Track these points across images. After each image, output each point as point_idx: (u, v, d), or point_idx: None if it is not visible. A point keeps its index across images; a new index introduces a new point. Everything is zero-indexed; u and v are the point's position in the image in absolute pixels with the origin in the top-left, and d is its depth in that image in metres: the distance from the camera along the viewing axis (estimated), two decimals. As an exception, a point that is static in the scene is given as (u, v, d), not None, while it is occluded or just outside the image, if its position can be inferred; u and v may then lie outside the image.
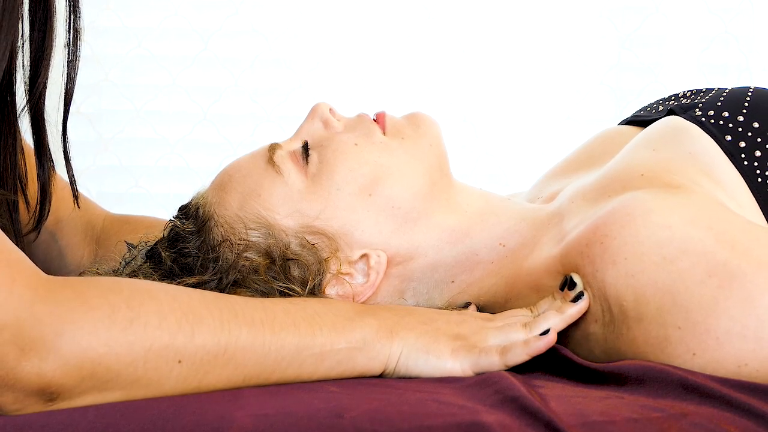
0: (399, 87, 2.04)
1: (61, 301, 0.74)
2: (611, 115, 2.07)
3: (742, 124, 1.02)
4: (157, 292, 0.80)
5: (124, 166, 2.02)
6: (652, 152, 1.02)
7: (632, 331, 0.89)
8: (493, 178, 2.06)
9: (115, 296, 0.77)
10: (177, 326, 0.78)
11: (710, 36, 2.06)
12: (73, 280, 0.78)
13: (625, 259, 0.89)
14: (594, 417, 0.75)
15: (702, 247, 0.87)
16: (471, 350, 0.89)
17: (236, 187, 1.02)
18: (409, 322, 0.91)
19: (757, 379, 0.83)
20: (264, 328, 0.82)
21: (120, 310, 0.76)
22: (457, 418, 0.73)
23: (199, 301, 0.81)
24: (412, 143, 1.04)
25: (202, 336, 0.79)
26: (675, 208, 0.91)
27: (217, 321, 0.80)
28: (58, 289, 0.75)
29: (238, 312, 0.82)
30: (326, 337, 0.86)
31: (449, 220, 1.03)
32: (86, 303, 0.75)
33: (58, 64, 1.06)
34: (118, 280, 0.82)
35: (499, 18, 2.05)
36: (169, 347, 0.77)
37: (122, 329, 0.76)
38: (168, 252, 1.01)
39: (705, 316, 0.85)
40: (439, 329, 0.91)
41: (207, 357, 0.79)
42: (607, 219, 0.92)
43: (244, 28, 2.02)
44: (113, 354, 0.75)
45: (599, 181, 1.02)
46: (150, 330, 0.76)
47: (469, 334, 0.91)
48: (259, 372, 0.82)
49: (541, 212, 1.05)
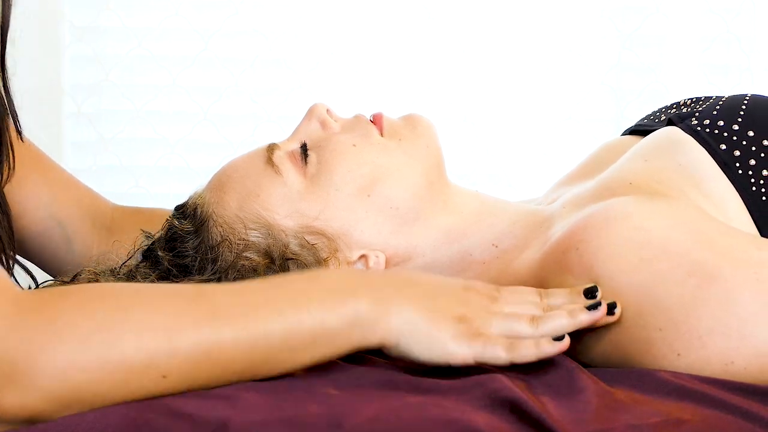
0: (399, 87, 2.04)
1: (34, 328, 0.73)
2: (611, 115, 2.07)
3: (737, 133, 1.02)
4: (137, 307, 0.77)
5: (124, 166, 2.01)
6: (644, 162, 1.02)
7: (613, 334, 0.89)
8: (493, 178, 2.06)
9: (90, 317, 0.75)
10: (156, 344, 0.75)
11: (711, 36, 2.06)
12: (46, 297, 0.76)
13: (603, 262, 0.89)
14: (594, 423, 0.75)
15: (681, 248, 0.87)
16: (474, 338, 0.83)
17: (235, 187, 1.02)
18: (408, 295, 0.84)
19: (745, 378, 0.83)
20: (247, 321, 0.79)
21: (95, 333, 0.74)
22: (459, 425, 0.73)
23: (181, 309, 0.78)
24: (410, 144, 1.04)
25: (184, 348, 0.76)
26: (654, 211, 0.91)
27: (197, 327, 0.77)
28: (31, 314, 0.74)
29: (218, 310, 0.79)
30: (315, 318, 0.80)
31: (446, 221, 1.04)
32: (60, 329, 0.73)
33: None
34: (98, 291, 0.79)
35: (499, 18, 2.05)
36: (151, 366, 0.75)
37: (98, 355, 0.74)
38: (165, 252, 1.01)
39: (686, 316, 0.85)
40: (441, 309, 0.84)
41: (191, 366, 0.77)
42: (585, 223, 0.92)
43: (245, 28, 2.01)
44: (93, 380, 0.74)
45: (591, 188, 1.03)
46: (129, 352, 0.74)
47: (472, 316, 0.85)
48: (249, 366, 0.80)
49: (536, 215, 1.05)
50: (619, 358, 0.89)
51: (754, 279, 0.85)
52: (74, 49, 1.97)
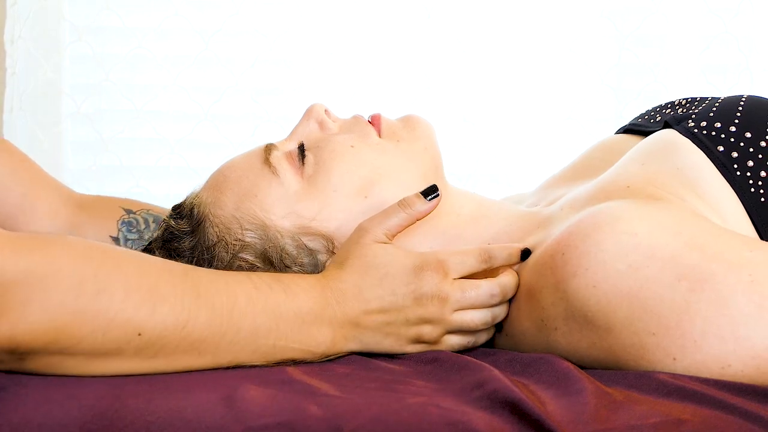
0: (399, 87, 2.04)
1: (31, 268, 0.76)
2: (611, 115, 2.07)
3: (734, 134, 1.01)
4: (127, 265, 0.82)
5: (124, 166, 2.01)
6: (640, 166, 1.02)
7: (605, 340, 0.88)
8: (493, 178, 2.06)
9: (86, 265, 0.79)
10: (140, 302, 0.81)
11: (710, 36, 2.06)
12: (44, 241, 0.79)
13: (586, 269, 0.88)
14: (593, 424, 0.75)
15: (670, 252, 0.87)
16: (429, 347, 0.96)
17: (232, 187, 1.02)
18: (372, 323, 0.94)
19: (743, 380, 0.83)
20: (223, 313, 0.86)
21: (88, 281, 0.79)
22: (459, 427, 0.73)
23: (166, 280, 0.83)
24: (408, 146, 1.04)
25: (163, 314, 0.82)
26: (644, 215, 0.91)
27: (179, 300, 0.83)
28: (28, 253, 0.77)
29: (201, 294, 0.85)
30: (282, 334, 0.89)
31: (443, 222, 1.03)
32: (57, 272, 0.77)
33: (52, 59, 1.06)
34: (90, 245, 0.82)
35: (499, 18, 2.05)
36: (131, 321, 0.81)
37: (88, 300, 0.79)
38: (162, 252, 1.01)
39: (678, 320, 0.85)
40: (397, 333, 0.95)
41: (165, 332, 0.82)
42: (574, 228, 0.92)
43: (245, 28, 2.01)
44: (78, 322, 0.78)
45: (588, 191, 1.02)
46: (115, 303, 0.80)
47: (429, 336, 0.96)
48: (214, 350, 0.85)
49: (534, 217, 1.05)
50: (613, 364, 0.89)
51: (747, 280, 0.84)
52: (74, 49, 1.97)
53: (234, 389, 0.80)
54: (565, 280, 0.90)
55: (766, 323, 0.83)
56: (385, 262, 0.94)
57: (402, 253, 0.95)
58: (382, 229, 0.97)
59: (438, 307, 0.95)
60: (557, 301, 0.91)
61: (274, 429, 0.73)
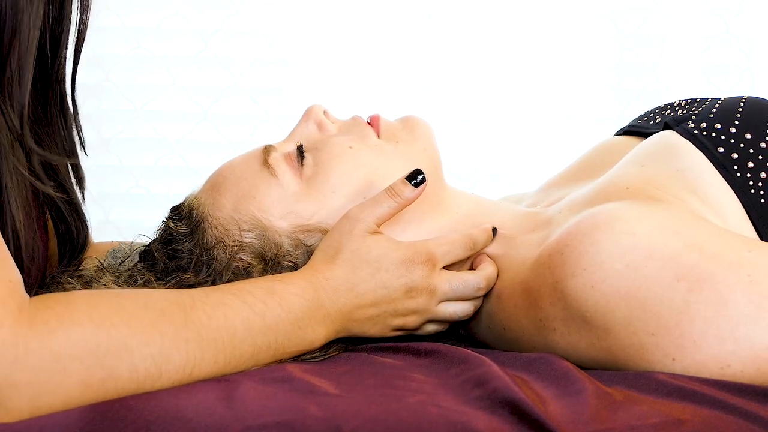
0: (399, 87, 2.04)
1: (36, 366, 0.75)
2: (612, 115, 2.07)
3: (734, 136, 1.01)
4: (131, 338, 0.80)
5: (124, 166, 2.02)
6: (641, 168, 1.02)
7: (603, 341, 0.88)
8: (494, 178, 2.06)
9: (92, 355, 0.77)
10: (146, 375, 0.79)
11: (711, 36, 2.06)
12: (47, 317, 0.77)
13: (584, 269, 0.88)
14: (593, 424, 0.75)
15: (669, 252, 0.86)
16: (408, 333, 1.00)
17: (230, 188, 1.02)
18: (363, 315, 0.96)
19: (743, 380, 0.83)
20: (225, 348, 0.85)
21: (95, 374, 0.77)
22: (459, 427, 0.73)
23: (170, 339, 0.82)
24: (407, 147, 1.04)
25: (170, 372, 0.81)
26: (643, 216, 0.90)
27: (183, 353, 0.82)
28: (27, 342, 0.75)
29: (203, 336, 0.84)
30: (281, 345, 0.90)
31: (440, 222, 1.04)
32: (62, 371, 0.76)
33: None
34: (97, 323, 0.79)
35: (499, 18, 2.05)
36: (139, 390, 0.79)
37: (94, 392, 0.77)
38: (161, 253, 1.01)
39: (677, 321, 0.84)
40: (383, 323, 0.97)
41: (173, 384, 0.82)
42: (574, 228, 0.92)
43: (245, 28, 2.02)
44: (69, 403, 0.76)
45: (588, 193, 1.02)
46: (121, 383, 0.78)
47: (412, 324, 0.99)
48: (217, 371, 0.86)
49: (533, 217, 1.05)
50: (612, 364, 0.89)
51: (746, 281, 0.84)
52: (74, 49, 1.97)
53: (233, 388, 0.80)
54: (563, 280, 0.90)
55: (765, 323, 0.83)
56: (377, 256, 0.96)
57: (393, 245, 0.97)
58: (372, 219, 0.97)
59: (426, 298, 0.98)
60: (555, 302, 0.91)
61: (274, 428, 0.73)
